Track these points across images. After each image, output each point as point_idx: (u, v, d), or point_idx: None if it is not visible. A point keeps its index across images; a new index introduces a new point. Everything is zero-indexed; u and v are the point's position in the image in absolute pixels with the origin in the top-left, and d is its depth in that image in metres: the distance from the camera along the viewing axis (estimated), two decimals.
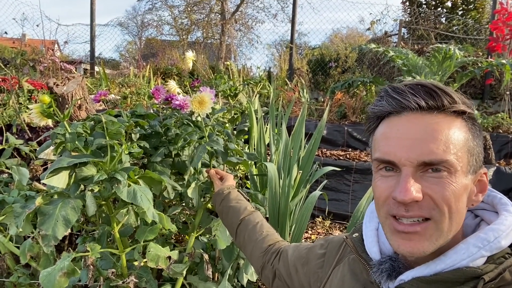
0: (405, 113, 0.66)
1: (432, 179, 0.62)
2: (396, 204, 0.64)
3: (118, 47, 16.61)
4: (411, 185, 0.61)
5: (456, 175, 0.62)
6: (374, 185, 0.69)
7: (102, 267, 1.36)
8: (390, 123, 0.67)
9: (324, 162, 3.38)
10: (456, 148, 0.62)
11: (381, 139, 0.68)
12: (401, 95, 0.66)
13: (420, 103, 0.64)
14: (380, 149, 0.67)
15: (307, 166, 2.06)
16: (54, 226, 1.03)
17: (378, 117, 0.70)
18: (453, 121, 0.64)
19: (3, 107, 2.53)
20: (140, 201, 1.10)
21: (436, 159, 0.61)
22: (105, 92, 1.80)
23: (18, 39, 7.14)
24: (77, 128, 1.20)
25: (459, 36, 6.64)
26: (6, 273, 1.76)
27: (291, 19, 6.38)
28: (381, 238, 0.77)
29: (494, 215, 0.70)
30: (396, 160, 0.64)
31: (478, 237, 0.64)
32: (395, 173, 0.65)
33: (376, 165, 0.68)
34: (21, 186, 1.80)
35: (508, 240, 0.64)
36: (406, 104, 0.65)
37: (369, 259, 0.75)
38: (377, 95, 0.72)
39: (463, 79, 4.38)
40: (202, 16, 15.35)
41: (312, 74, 6.80)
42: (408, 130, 0.64)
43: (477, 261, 0.63)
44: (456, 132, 0.63)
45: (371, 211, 0.82)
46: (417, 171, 0.63)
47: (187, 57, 2.74)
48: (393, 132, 0.66)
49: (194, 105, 1.33)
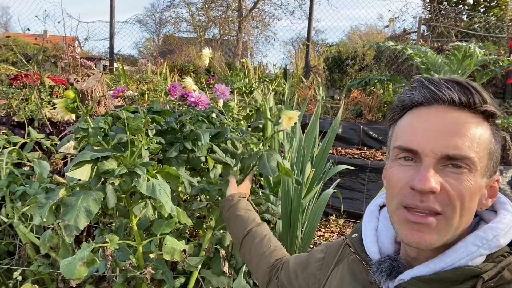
0: (436, 105, 0.66)
1: (451, 174, 0.62)
2: (412, 194, 0.64)
3: (136, 44, 16.84)
4: (431, 175, 0.61)
5: (475, 174, 0.63)
6: (390, 174, 0.69)
7: (119, 258, 1.40)
8: (418, 113, 0.67)
9: (338, 160, 3.37)
10: (480, 148, 0.63)
11: (406, 128, 0.68)
12: (436, 87, 0.66)
13: (454, 97, 0.64)
14: (404, 137, 0.67)
15: (320, 164, 2.07)
16: (76, 217, 1.07)
17: (404, 108, 0.71)
18: (480, 122, 0.65)
19: (26, 102, 2.62)
20: (158, 195, 1.13)
21: (460, 154, 0.61)
22: (123, 88, 1.84)
23: (40, 36, 7.32)
24: (99, 123, 1.25)
25: (480, 34, 6.49)
26: (27, 262, 1.84)
27: (308, 17, 6.36)
28: (380, 238, 0.77)
29: (493, 214, 0.70)
30: (420, 149, 0.64)
31: (477, 235, 0.65)
32: (414, 164, 0.65)
33: (395, 154, 0.68)
34: (42, 179, 1.86)
35: (506, 238, 0.65)
36: (440, 96, 0.65)
37: (369, 259, 0.76)
38: (409, 84, 0.72)
39: (483, 78, 4.29)
40: (220, 13, 15.41)
41: (328, 71, 6.77)
42: (436, 122, 0.64)
43: (476, 260, 0.63)
44: (482, 133, 0.64)
45: (371, 211, 0.83)
46: (438, 164, 0.63)
47: (204, 54, 2.78)
48: (420, 122, 0.66)
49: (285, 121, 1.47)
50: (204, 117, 1.76)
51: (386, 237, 0.77)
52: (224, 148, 1.81)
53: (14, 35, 10.80)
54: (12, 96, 2.60)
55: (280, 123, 1.54)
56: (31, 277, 1.75)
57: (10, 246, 1.98)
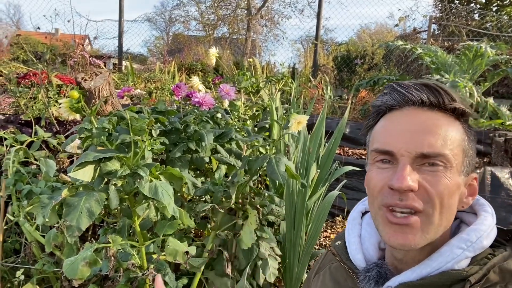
0: (407, 107, 0.68)
1: (428, 172, 0.64)
2: (391, 193, 0.65)
3: (146, 42, 16.94)
4: (407, 174, 0.62)
5: (451, 170, 0.64)
6: (369, 176, 0.70)
7: (122, 258, 1.40)
8: (392, 116, 0.70)
9: (345, 161, 3.34)
10: (453, 145, 0.65)
11: (381, 131, 0.70)
12: (405, 90, 0.68)
13: (423, 98, 0.66)
14: (380, 140, 0.69)
15: (326, 165, 2.05)
16: (79, 218, 1.07)
17: (378, 113, 0.73)
18: (452, 121, 0.67)
19: (34, 100, 2.64)
20: (161, 197, 1.13)
21: (434, 152, 0.63)
22: (129, 88, 1.84)
23: (51, 34, 7.39)
24: (103, 124, 1.25)
25: (492, 33, 6.39)
26: (32, 261, 1.85)
27: (317, 15, 6.32)
28: (364, 244, 0.77)
29: (473, 216, 0.71)
30: (395, 150, 0.65)
31: (461, 238, 0.65)
32: (391, 165, 0.66)
33: (373, 157, 0.70)
34: (48, 178, 1.87)
35: (489, 240, 0.66)
36: (410, 98, 0.67)
37: (354, 267, 0.76)
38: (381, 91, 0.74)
39: (494, 78, 4.22)
40: (229, 12, 15.42)
41: (337, 71, 6.72)
42: (409, 123, 0.66)
43: (462, 263, 0.64)
44: (454, 131, 0.66)
45: (353, 218, 0.83)
46: (414, 163, 0.64)
47: (211, 53, 2.77)
48: (394, 125, 0.68)
49: (294, 125, 1.49)
50: (208, 117, 1.76)
51: (370, 244, 0.77)
52: (229, 149, 1.80)
53: (26, 33, 10.93)
54: (20, 95, 2.62)
55: (289, 127, 1.53)
56: (36, 276, 1.76)
57: (16, 244, 2.00)
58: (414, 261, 0.68)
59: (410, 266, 0.67)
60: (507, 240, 0.70)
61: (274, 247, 1.70)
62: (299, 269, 1.73)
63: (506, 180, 3.07)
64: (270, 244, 1.69)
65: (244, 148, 1.92)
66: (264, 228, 1.68)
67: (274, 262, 1.67)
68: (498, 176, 3.10)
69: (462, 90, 3.37)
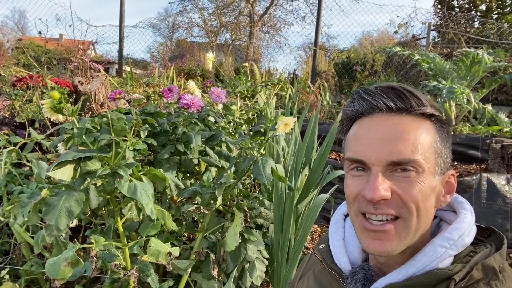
0: (376, 114, 0.68)
1: (400, 178, 0.64)
2: (365, 202, 0.65)
3: (150, 48, 17.03)
4: (379, 184, 0.63)
5: (423, 175, 0.64)
6: (345, 184, 0.70)
7: (107, 259, 1.40)
8: (362, 123, 0.69)
9: (341, 166, 3.33)
10: (424, 149, 0.64)
11: (352, 139, 0.70)
12: (371, 97, 0.67)
13: (389, 104, 0.66)
14: (351, 148, 0.69)
15: (318, 169, 2.04)
16: (58, 217, 1.07)
17: (350, 119, 0.72)
18: (421, 123, 0.66)
19: (29, 103, 2.66)
20: (139, 197, 1.13)
21: (404, 158, 0.63)
22: (121, 91, 1.85)
23: (55, 39, 7.44)
24: (86, 124, 1.25)
25: (491, 40, 6.39)
26: (22, 262, 1.85)
27: (316, 22, 6.34)
28: (348, 247, 0.77)
29: (453, 214, 0.72)
30: (366, 159, 0.65)
31: (444, 237, 0.66)
32: (365, 173, 0.67)
33: (347, 165, 0.70)
34: (39, 179, 1.87)
35: (470, 237, 0.67)
36: (376, 105, 0.67)
37: (339, 270, 0.76)
38: (350, 97, 0.73)
39: (492, 85, 4.20)
40: (231, 19, 15.53)
41: (338, 77, 6.73)
42: (378, 130, 0.66)
43: (445, 262, 0.64)
44: (424, 134, 0.65)
45: (336, 221, 0.83)
46: (386, 170, 0.64)
47: (207, 57, 2.78)
48: (364, 132, 0.68)
49: (281, 126, 1.45)
50: (198, 119, 1.76)
51: (354, 247, 0.77)
52: (218, 151, 1.80)
53: (30, 38, 11.03)
54: (15, 97, 2.64)
55: (276, 128, 1.53)
56: (24, 276, 1.76)
57: (7, 245, 2.01)
58: (397, 263, 0.68)
59: (394, 268, 0.67)
60: (485, 237, 0.70)
61: (262, 250, 1.69)
62: (287, 272, 1.72)
63: (503, 187, 3.05)
64: (258, 247, 1.69)
65: (234, 151, 1.92)
66: (253, 231, 1.68)
67: (262, 265, 1.66)
68: (495, 183, 3.07)
69: (459, 96, 3.36)
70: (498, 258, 0.63)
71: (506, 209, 2.95)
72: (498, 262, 0.63)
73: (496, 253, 0.64)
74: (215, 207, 1.55)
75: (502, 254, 0.65)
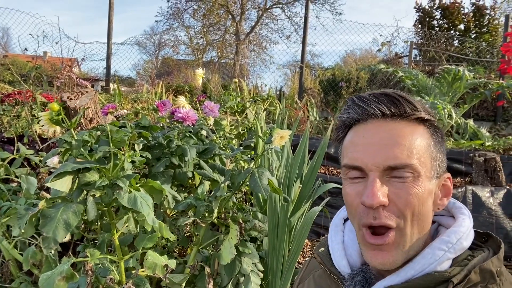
0: (371, 120, 0.69)
1: (397, 184, 0.65)
2: (365, 211, 0.66)
3: (136, 66, 17.03)
4: (377, 189, 0.64)
5: (420, 179, 0.65)
6: (345, 192, 0.71)
7: (100, 274, 1.38)
8: (357, 130, 0.71)
9: (330, 180, 3.37)
10: (419, 153, 0.66)
11: (348, 146, 0.71)
12: (366, 103, 0.69)
13: (383, 110, 0.67)
14: (348, 155, 0.70)
15: (309, 183, 2.07)
16: (55, 229, 1.06)
17: (346, 126, 0.74)
18: (415, 128, 0.68)
19: (17, 118, 2.63)
20: (140, 207, 1.12)
21: (401, 163, 0.64)
22: (113, 105, 1.86)
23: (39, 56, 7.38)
24: (84, 136, 1.25)
25: (470, 58, 6.63)
26: (9, 280, 1.80)
27: (302, 42, 6.49)
28: (347, 251, 0.78)
29: (451, 219, 0.73)
30: (363, 165, 0.66)
31: (442, 240, 0.67)
32: (363, 179, 0.68)
33: (345, 172, 0.71)
34: (28, 195, 1.84)
35: (468, 241, 0.68)
36: (371, 112, 0.68)
37: (338, 273, 0.77)
38: (345, 104, 0.76)
39: (473, 101, 4.36)
40: (217, 37, 15.72)
41: (323, 94, 6.85)
42: (374, 136, 0.67)
43: (444, 264, 0.65)
44: (419, 138, 0.67)
45: (335, 225, 0.84)
46: (383, 176, 0.65)
47: (197, 74, 2.81)
48: (360, 139, 0.69)
49: (277, 139, 1.47)
50: (192, 133, 1.77)
51: (353, 250, 0.77)
52: (212, 165, 1.81)
53: (13, 55, 10.90)
54: (3, 112, 2.61)
55: (272, 141, 1.56)
56: None
57: None
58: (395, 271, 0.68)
59: (393, 271, 0.68)
60: (483, 242, 0.72)
61: (257, 263, 1.69)
62: (282, 285, 1.72)
63: (487, 199, 3.13)
64: (252, 259, 1.68)
65: (227, 164, 1.93)
66: (247, 244, 1.68)
67: (257, 278, 1.65)
68: (479, 195, 3.15)
69: (441, 112, 3.47)
70: (495, 262, 0.65)
71: (491, 221, 3.02)
72: (495, 265, 0.64)
73: (494, 257, 0.65)
74: (211, 220, 1.56)
75: (500, 258, 0.66)
